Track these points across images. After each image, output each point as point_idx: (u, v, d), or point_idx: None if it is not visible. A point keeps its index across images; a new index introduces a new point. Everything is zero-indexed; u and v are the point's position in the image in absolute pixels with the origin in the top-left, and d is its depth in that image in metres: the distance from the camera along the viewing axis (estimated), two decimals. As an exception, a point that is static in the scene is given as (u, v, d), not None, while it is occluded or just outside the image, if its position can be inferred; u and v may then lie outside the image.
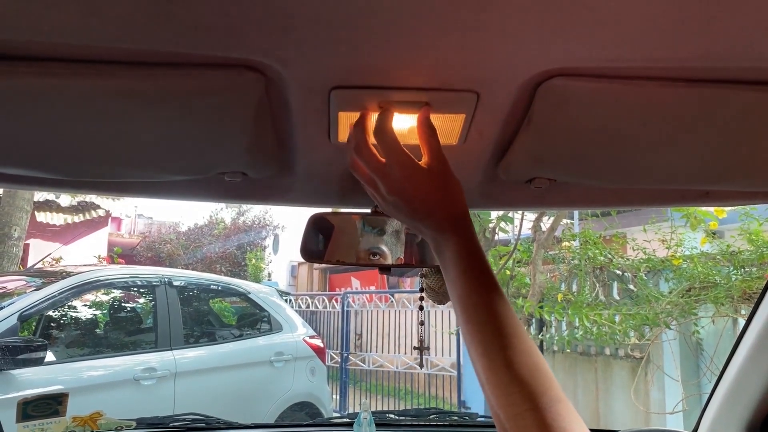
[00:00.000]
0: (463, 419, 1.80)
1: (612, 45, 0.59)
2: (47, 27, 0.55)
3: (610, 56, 0.61)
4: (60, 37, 0.57)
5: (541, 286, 4.45)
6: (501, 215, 4.13)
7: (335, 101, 0.69)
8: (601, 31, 0.56)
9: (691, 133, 0.74)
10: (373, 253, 1.04)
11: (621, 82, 0.65)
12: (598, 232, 5.11)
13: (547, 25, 0.55)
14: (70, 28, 0.56)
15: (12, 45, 0.59)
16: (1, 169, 0.85)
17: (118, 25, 0.55)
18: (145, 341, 4.29)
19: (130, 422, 1.57)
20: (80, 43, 0.58)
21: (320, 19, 0.55)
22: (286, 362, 4.78)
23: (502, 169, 0.87)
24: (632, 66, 0.63)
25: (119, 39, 0.58)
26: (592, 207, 1.26)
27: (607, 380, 5.37)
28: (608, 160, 0.82)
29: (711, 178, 0.88)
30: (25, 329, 3.76)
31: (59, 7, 0.52)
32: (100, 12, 0.53)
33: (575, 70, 0.63)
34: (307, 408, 4.86)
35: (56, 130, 0.74)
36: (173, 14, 0.54)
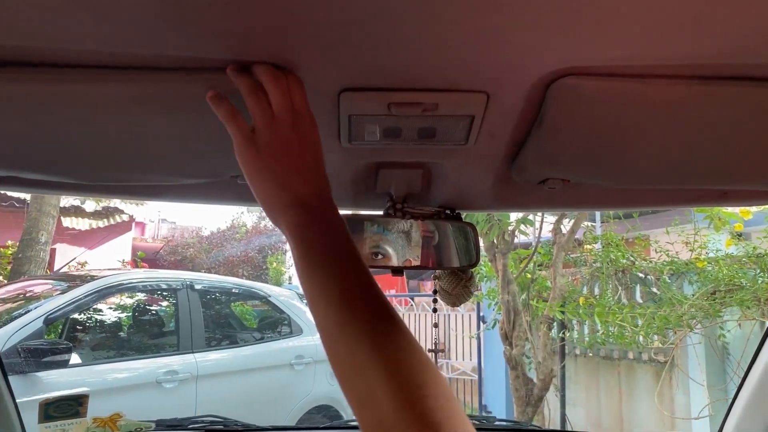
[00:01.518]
0: (481, 422, 1.79)
1: (624, 43, 0.58)
2: (62, 33, 0.57)
3: (622, 55, 0.60)
4: (74, 44, 0.58)
5: (562, 290, 4.40)
6: (520, 218, 4.10)
7: (345, 103, 0.69)
8: (613, 29, 0.56)
9: (706, 132, 0.73)
10: (386, 255, 1.04)
11: (634, 80, 0.64)
12: (620, 234, 5.05)
13: (557, 24, 0.55)
14: (84, 34, 0.57)
15: (27, 52, 0.61)
16: (21, 174, 0.87)
17: (131, 30, 0.56)
18: (167, 344, 4.34)
19: (149, 424, 1.59)
20: (94, 49, 0.59)
21: (329, 22, 0.55)
22: (307, 365, 4.80)
23: (515, 170, 0.87)
24: (645, 64, 0.62)
25: (131, 44, 0.59)
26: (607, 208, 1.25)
27: (630, 384, 5.29)
28: (622, 160, 0.81)
29: (729, 177, 0.86)
30: (51, 332, 3.82)
31: (73, 14, 0.53)
32: (113, 18, 0.54)
33: (587, 69, 0.63)
34: (327, 411, 4.86)
35: (72, 135, 0.76)
36: (185, 19, 0.55)
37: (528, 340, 4.34)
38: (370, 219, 1.04)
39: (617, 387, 5.41)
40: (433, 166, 0.89)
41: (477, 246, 1.04)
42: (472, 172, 0.91)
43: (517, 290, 4.32)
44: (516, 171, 0.87)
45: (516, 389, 4.26)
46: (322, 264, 0.59)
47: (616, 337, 4.51)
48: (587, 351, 5.52)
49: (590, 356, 5.64)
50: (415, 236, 1.04)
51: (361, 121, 0.73)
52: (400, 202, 0.96)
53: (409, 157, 0.86)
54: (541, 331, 4.36)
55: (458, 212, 1.04)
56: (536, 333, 4.50)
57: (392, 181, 0.92)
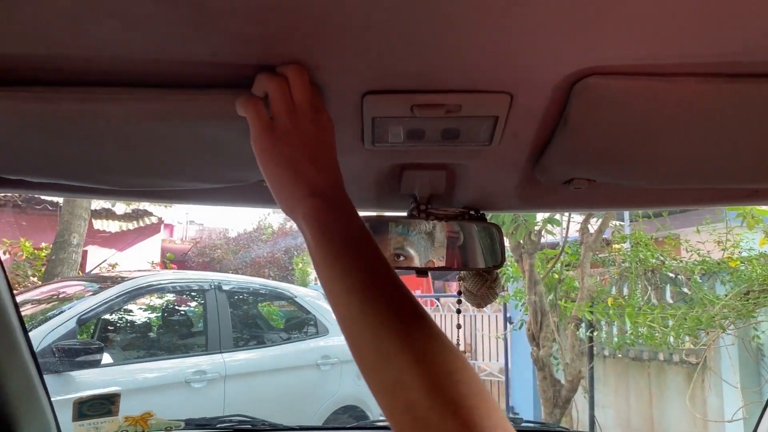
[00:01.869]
0: (507, 424, 1.77)
1: (648, 42, 0.57)
2: (91, 42, 0.58)
3: (647, 53, 0.59)
4: (102, 51, 0.60)
5: (590, 290, 4.35)
6: (547, 217, 4.07)
7: (368, 106, 0.69)
8: (637, 27, 0.55)
9: (735, 130, 0.71)
10: (410, 256, 1.04)
11: (659, 79, 0.63)
12: (650, 233, 4.97)
13: (581, 23, 0.55)
14: (112, 42, 0.58)
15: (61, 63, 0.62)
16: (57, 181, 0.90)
17: (156, 37, 0.58)
18: (195, 344, 4.40)
19: (178, 423, 1.62)
20: (122, 56, 0.61)
21: (351, 26, 0.56)
22: (333, 365, 4.82)
23: (540, 170, 0.86)
24: (670, 62, 0.61)
25: (157, 51, 0.60)
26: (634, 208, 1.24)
27: (661, 386, 5.21)
28: (649, 159, 0.80)
29: (758, 175, 0.85)
30: (84, 332, 3.91)
31: (102, 23, 0.55)
32: (139, 26, 0.56)
33: (611, 68, 0.62)
34: (353, 411, 4.88)
35: (105, 148, 0.79)
36: (209, 25, 0.55)
37: (555, 341, 4.30)
38: (394, 220, 1.05)
39: (647, 389, 5.33)
40: (457, 167, 0.89)
41: (502, 247, 1.03)
42: (496, 172, 0.90)
43: (544, 291, 4.28)
44: (540, 171, 0.86)
45: (543, 390, 4.22)
46: (342, 253, 0.58)
47: (646, 338, 4.44)
48: (616, 352, 5.44)
49: (619, 357, 5.56)
50: (439, 237, 1.04)
51: (384, 123, 0.73)
52: (424, 203, 0.96)
53: (433, 159, 0.86)
54: (568, 332, 4.31)
55: (483, 213, 1.04)
56: (564, 334, 4.46)
57: (416, 183, 0.92)
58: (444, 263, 1.05)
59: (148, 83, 0.66)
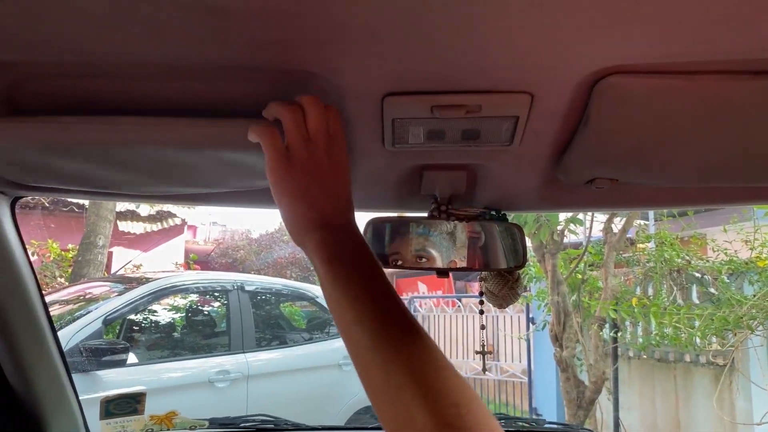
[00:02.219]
0: (530, 425, 1.76)
1: (671, 40, 0.57)
2: (114, 46, 0.59)
3: (669, 51, 0.59)
4: (125, 56, 0.61)
5: (614, 290, 4.29)
6: (569, 217, 4.03)
7: (388, 107, 0.70)
8: (659, 25, 0.54)
9: (759, 127, 0.70)
10: (431, 257, 1.04)
11: (682, 77, 0.62)
12: (675, 233, 4.90)
13: (602, 22, 0.54)
14: (135, 46, 0.59)
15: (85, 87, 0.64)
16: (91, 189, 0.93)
17: (179, 42, 0.59)
18: (219, 344, 4.45)
19: (203, 422, 1.63)
20: (144, 59, 0.62)
21: (370, 29, 0.56)
22: (354, 366, 4.83)
23: (561, 170, 0.86)
24: (692, 60, 0.60)
25: (179, 56, 0.61)
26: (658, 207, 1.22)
27: (687, 388, 5.13)
28: (672, 158, 0.79)
29: None
30: (109, 332, 3.97)
31: (124, 27, 0.56)
32: (162, 31, 0.57)
33: (633, 67, 0.62)
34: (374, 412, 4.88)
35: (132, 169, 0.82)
36: (231, 30, 0.56)
37: (579, 342, 4.26)
38: (414, 221, 1.05)
39: (673, 391, 5.25)
40: (478, 168, 0.89)
41: (524, 247, 1.03)
42: (517, 172, 0.90)
43: (567, 291, 4.24)
44: (562, 171, 0.86)
45: (567, 392, 4.18)
46: (352, 285, 0.59)
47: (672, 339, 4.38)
48: (641, 353, 5.37)
49: (644, 359, 5.49)
50: (460, 238, 1.04)
51: (404, 124, 0.73)
52: (445, 203, 0.96)
53: (454, 159, 0.86)
54: (592, 333, 4.26)
55: (504, 213, 1.03)
56: (587, 335, 4.41)
57: (437, 183, 0.92)
58: (465, 264, 1.05)
59: (173, 108, 0.69)
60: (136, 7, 0.53)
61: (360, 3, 0.52)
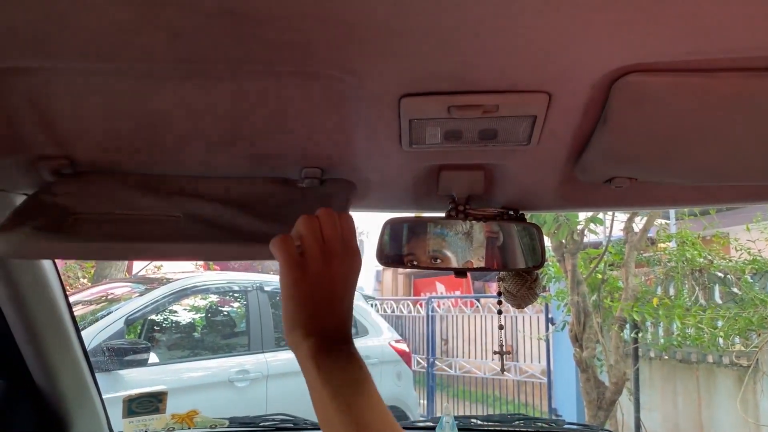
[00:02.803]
0: (550, 426, 1.75)
1: (691, 37, 0.56)
2: (137, 51, 0.60)
3: (689, 49, 0.58)
4: (149, 59, 0.62)
5: (634, 290, 4.25)
6: (589, 216, 3.99)
7: (405, 108, 0.70)
8: (678, 23, 0.54)
9: None
10: (448, 257, 1.04)
11: (702, 75, 0.62)
12: (697, 232, 4.83)
13: (621, 20, 0.54)
14: (159, 51, 0.60)
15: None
16: None
17: (201, 46, 0.59)
18: (238, 344, 4.48)
19: (223, 421, 1.65)
20: (167, 63, 0.63)
21: (388, 31, 0.56)
22: (372, 366, 4.82)
23: (580, 169, 0.85)
24: (713, 58, 0.60)
25: (201, 59, 0.62)
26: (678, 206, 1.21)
27: (710, 389, 5.05)
28: (693, 157, 0.79)
29: None
30: (131, 332, 4.02)
31: (148, 32, 0.57)
32: (185, 36, 0.57)
33: (652, 65, 0.61)
34: (393, 412, 4.87)
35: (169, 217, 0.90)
36: (251, 34, 0.57)
37: (599, 343, 4.22)
38: (432, 221, 1.05)
39: (696, 392, 5.18)
40: (495, 168, 0.89)
41: (542, 247, 1.02)
42: (535, 172, 0.90)
43: (587, 291, 4.21)
44: (581, 170, 0.85)
45: (587, 393, 4.14)
46: (338, 393, 0.63)
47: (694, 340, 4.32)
48: (662, 354, 5.30)
49: (666, 359, 5.42)
50: (478, 238, 1.04)
51: (421, 124, 0.73)
52: (463, 203, 0.96)
53: (471, 159, 0.86)
54: (612, 333, 4.22)
55: (522, 213, 1.03)
56: (607, 335, 4.37)
57: (454, 183, 0.93)
58: (483, 264, 1.05)
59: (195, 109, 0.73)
60: (160, 13, 0.54)
61: (377, 5, 0.53)
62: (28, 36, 0.58)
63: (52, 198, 0.87)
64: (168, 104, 0.72)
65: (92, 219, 0.86)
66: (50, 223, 0.83)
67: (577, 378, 4.71)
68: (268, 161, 0.88)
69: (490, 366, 7.50)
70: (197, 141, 0.82)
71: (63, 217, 0.85)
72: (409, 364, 5.30)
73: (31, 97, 0.70)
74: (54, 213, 0.85)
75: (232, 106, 0.72)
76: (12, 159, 0.85)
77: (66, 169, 0.87)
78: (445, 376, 8.00)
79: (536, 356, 7.00)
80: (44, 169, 0.86)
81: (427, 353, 7.93)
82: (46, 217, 0.83)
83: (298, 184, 0.91)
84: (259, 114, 0.74)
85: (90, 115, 0.75)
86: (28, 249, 0.82)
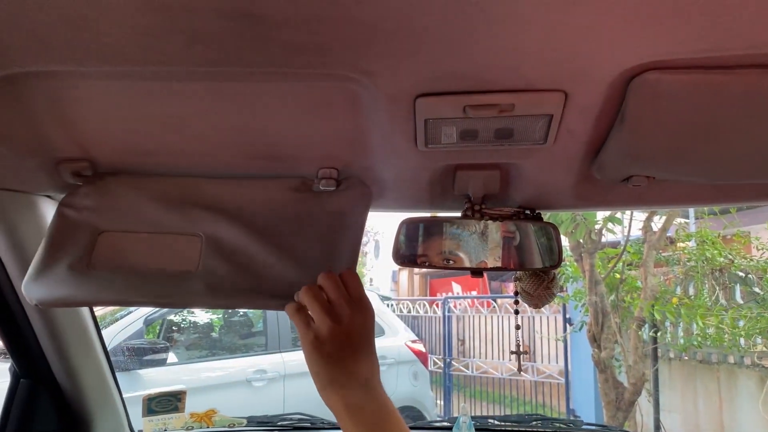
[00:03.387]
0: (568, 426, 1.74)
1: (709, 34, 0.56)
2: (157, 55, 0.61)
3: (708, 46, 0.58)
4: (167, 63, 0.63)
5: (653, 290, 4.20)
6: (608, 216, 3.96)
7: (421, 108, 0.70)
8: (697, 19, 0.53)
9: None
10: (465, 257, 1.04)
11: (721, 72, 0.61)
12: (717, 231, 4.77)
13: (638, 17, 0.53)
14: (178, 55, 0.61)
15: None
16: None
17: (218, 49, 0.60)
18: (256, 344, 4.51)
19: (241, 420, 1.66)
20: (185, 66, 0.64)
21: (403, 31, 0.56)
22: (389, 366, 4.84)
23: (597, 168, 0.85)
24: (732, 54, 0.59)
25: (218, 62, 0.62)
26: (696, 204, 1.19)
27: (731, 391, 4.98)
28: (711, 154, 0.78)
29: None
30: (150, 332, 4.07)
31: (167, 37, 0.58)
32: (203, 39, 0.58)
33: (670, 62, 0.61)
34: (410, 412, 4.88)
35: None
36: (268, 37, 0.58)
37: (617, 343, 4.18)
38: (448, 221, 1.05)
39: (716, 393, 5.11)
40: (512, 167, 0.89)
41: (559, 246, 1.02)
42: (551, 171, 0.89)
43: (605, 291, 4.17)
44: (598, 169, 0.85)
45: (605, 393, 4.11)
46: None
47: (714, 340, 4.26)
48: (682, 354, 5.24)
49: (686, 360, 5.35)
50: (494, 237, 1.04)
51: (437, 124, 0.74)
52: (478, 203, 0.95)
53: (487, 159, 0.86)
54: (631, 333, 4.18)
55: (538, 212, 1.03)
56: (626, 335, 4.33)
57: (470, 183, 0.92)
58: (499, 264, 1.04)
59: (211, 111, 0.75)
60: (180, 17, 0.55)
61: (392, 6, 0.53)
62: (51, 41, 0.59)
63: (76, 213, 0.89)
64: (186, 106, 0.73)
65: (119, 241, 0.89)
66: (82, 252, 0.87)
67: (595, 379, 4.67)
68: (285, 162, 0.89)
69: (507, 366, 7.47)
70: (215, 142, 0.83)
71: (92, 237, 0.88)
72: (426, 364, 5.29)
73: (54, 100, 0.71)
74: (82, 235, 0.89)
75: (248, 107, 0.73)
76: (35, 161, 0.86)
77: (86, 171, 0.88)
78: (462, 377, 7.98)
79: (554, 357, 6.95)
80: (65, 171, 0.88)
81: (443, 353, 7.92)
82: (76, 245, 0.87)
83: (314, 186, 0.92)
84: (276, 115, 0.75)
85: (110, 117, 0.77)
86: (66, 297, 0.85)
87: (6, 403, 1.21)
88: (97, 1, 0.53)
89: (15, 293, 1.09)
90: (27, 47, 0.60)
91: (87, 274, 0.85)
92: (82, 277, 0.84)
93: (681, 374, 5.47)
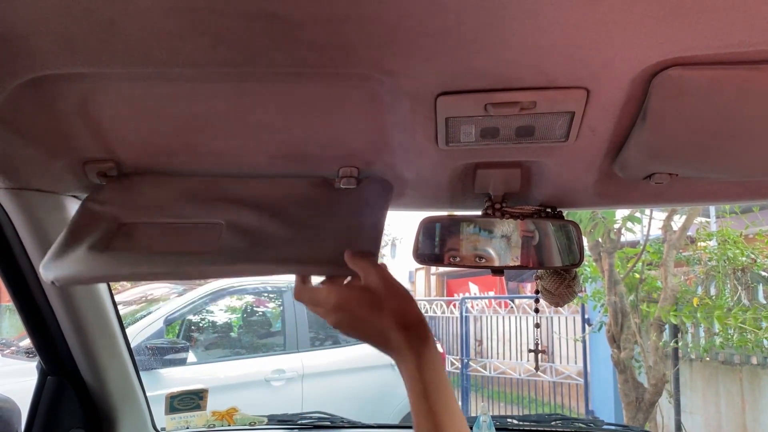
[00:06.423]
0: (588, 426, 1.73)
1: (731, 29, 0.55)
2: (182, 56, 0.62)
3: (732, 41, 0.57)
4: (193, 64, 0.64)
5: (674, 290, 4.15)
6: (627, 215, 3.92)
7: (442, 106, 0.70)
8: (719, 14, 0.53)
9: None
10: (485, 256, 1.04)
11: (744, 68, 0.61)
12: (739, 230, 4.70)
13: (661, 13, 0.53)
14: (203, 56, 0.62)
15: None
16: None
17: (242, 49, 0.61)
18: (274, 344, 4.53)
19: (262, 418, 1.68)
20: (210, 67, 0.65)
21: (424, 30, 0.57)
22: (406, 366, 4.82)
23: (619, 165, 0.84)
24: (756, 50, 0.58)
25: (243, 62, 0.63)
26: (719, 202, 1.18)
27: (754, 392, 4.90)
28: (734, 151, 0.77)
29: None
30: (170, 332, 4.10)
31: (192, 38, 0.59)
32: (227, 40, 0.59)
33: (693, 58, 0.60)
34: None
35: None
36: (291, 37, 0.58)
37: (637, 343, 4.13)
38: (468, 220, 1.05)
39: (739, 395, 5.03)
40: (533, 165, 0.89)
41: (580, 244, 1.01)
42: (573, 169, 0.89)
43: (624, 291, 4.13)
44: (620, 166, 0.84)
45: (625, 394, 4.07)
46: (444, 383, 0.75)
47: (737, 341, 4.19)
48: (704, 355, 5.17)
49: (707, 361, 5.28)
50: (515, 236, 1.03)
51: (458, 122, 0.74)
52: (499, 201, 0.96)
53: (507, 157, 0.86)
54: (651, 334, 4.14)
55: (559, 210, 1.02)
56: (646, 336, 4.28)
57: (490, 181, 0.92)
58: (521, 262, 1.04)
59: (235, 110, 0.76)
60: (205, 19, 0.56)
61: (414, 5, 0.53)
62: (79, 44, 0.60)
63: (100, 206, 0.90)
64: (210, 107, 0.74)
65: (140, 230, 0.88)
66: (101, 238, 0.86)
67: (615, 379, 4.62)
68: (306, 161, 0.89)
69: (525, 367, 7.42)
70: (238, 142, 0.84)
71: (113, 227, 0.88)
72: (443, 364, 5.27)
73: (80, 102, 0.73)
74: (104, 224, 0.88)
75: (271, 107, 0.74)
76: (62, 162, 0.88)
77: (112, 172, 0.90)
78: (480, 377, 7.94)
79: (572, 357, 6.89)
80: (91, 171, 0.89)
81: (461, 354, 7.89)
82: (96, 232, 0.86)
83: (335, 184, 0.93)
84: (298, 114, 0.76)
85: (135, 118, 0.78)
86: (82, 274, 0.83)
87: (34, 399, 1.23)
88: (123, 5, 0.54)
89: (44, 293, 1.11)
90: (55, 50, 0.61)
91: (105, 252, 0.84)
92: (100, 256, 0.84)
93: (702, 375, 5.40)
